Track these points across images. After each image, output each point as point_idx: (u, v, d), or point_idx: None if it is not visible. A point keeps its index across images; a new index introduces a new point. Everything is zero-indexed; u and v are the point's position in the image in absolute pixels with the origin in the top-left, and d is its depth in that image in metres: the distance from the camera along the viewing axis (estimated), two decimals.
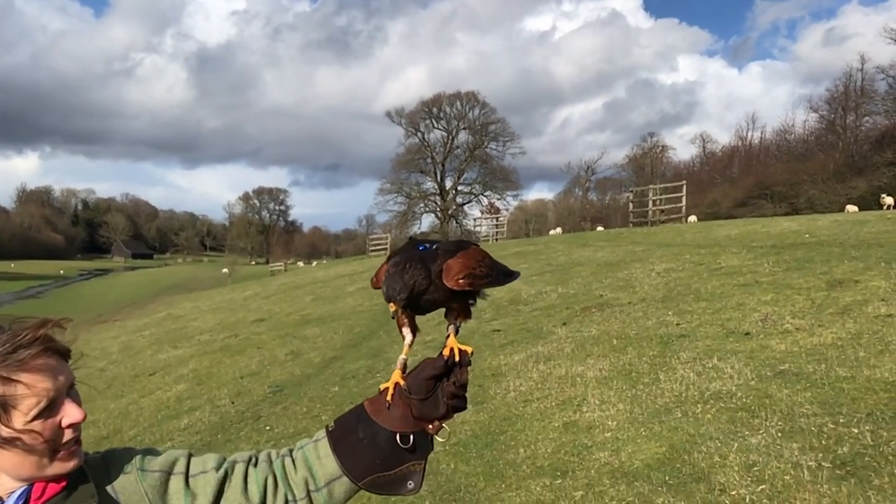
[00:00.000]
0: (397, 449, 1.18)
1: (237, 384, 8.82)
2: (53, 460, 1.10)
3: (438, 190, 75.57)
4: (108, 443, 7.26)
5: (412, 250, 1.25)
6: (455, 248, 1.27)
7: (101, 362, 14.62)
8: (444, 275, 1.20)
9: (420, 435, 1.20)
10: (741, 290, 7.94)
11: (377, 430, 1.20)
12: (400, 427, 1.19)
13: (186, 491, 1.19)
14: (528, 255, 17.48)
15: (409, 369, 1.24)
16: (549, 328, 8.05)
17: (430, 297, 1.21)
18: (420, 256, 1.23)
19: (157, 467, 1.20)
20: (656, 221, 25.96)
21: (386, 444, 1.19)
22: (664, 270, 10.40)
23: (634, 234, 19.81)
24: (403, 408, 1.19)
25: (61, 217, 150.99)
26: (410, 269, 1.20)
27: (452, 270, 1.21)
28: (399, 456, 1.19)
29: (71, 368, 1.16)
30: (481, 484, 4.02)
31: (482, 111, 74.65)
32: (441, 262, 1.22)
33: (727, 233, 14.71)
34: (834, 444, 3.64)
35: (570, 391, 5.44)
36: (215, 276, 69.33)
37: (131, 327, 22.18)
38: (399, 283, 1.19)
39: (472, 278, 1.21)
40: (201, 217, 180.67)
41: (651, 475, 3.63)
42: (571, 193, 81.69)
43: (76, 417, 1.11)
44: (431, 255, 1.24)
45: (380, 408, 1.22)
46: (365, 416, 1.22)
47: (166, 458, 1.22)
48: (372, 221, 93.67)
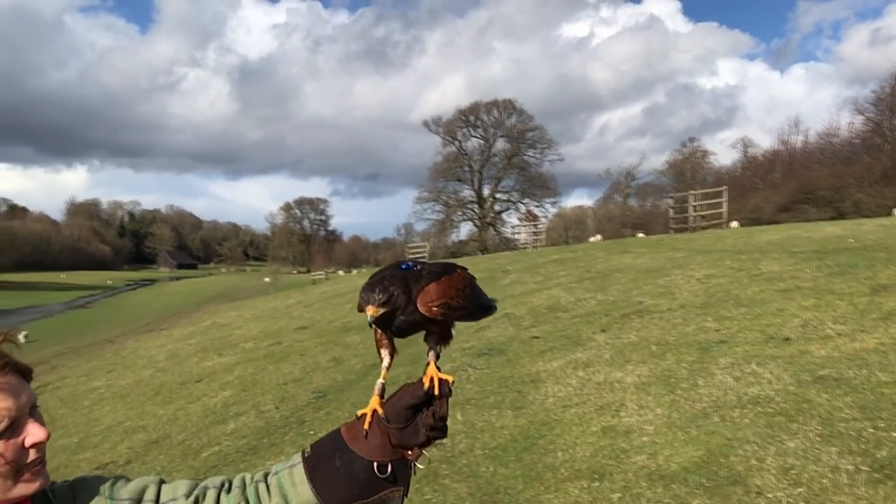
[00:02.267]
0: (375, 478, 1.15)
1: (281, 390, 9.02)
2: (18, 481, 1.07)
3: (476, 198, 75.66)
4: (157, 447, 7.51)
5: (394, 269, 1.22)
6: (441, 270, 1.23)
7: (148, 370, 14.99)
8: (420, 298, 1.16)
9: (399, 462, 1.17)
10: (782, 295, 7.89)
11: (354, 458, 1.16)
12: (378, 456, 1.15)
13: None
14: (566, 262, 17.48)
15: (389, 395, 1.20)
16: (588, 335, 8.08)
17: (408, 319, 1.17)
18: (402, 276, 1.19)
19: (126, 496, 1.17)
20: (697, 227, 25.71)
21: (363, 473, 1.16)
22: (704, 276, 10.34)
23: (675, 240, 19.66)
24: (381, 436, 1.16)
25: (109, 229, 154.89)
26: (391, 284, 1.16)
27: (429, 295, 1.16)
28: (376, 485, 1.16)
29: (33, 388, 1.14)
30: (520, 486, 4.11)
31: (519, 118, 74.67)
32: (424, 284, 1.18)
33: (769, 238, 14.54)
34: (873, 448, 3.64)
35: (608, 396, 5.49)
36: (258, 285, 70.37)
37: (177, 336, 22.67)
38: (379, 289, 1.16)
39: (446, 308, 1.18)
40: (244, 227, 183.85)
41: (688, 478, 3.68)
42: (611, 200, 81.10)
43: (39, 437, 1.09)
44: (415, 275, 1.20)
45: (357, 435, 1.18)
46: (342, 444, 1.19)
47: (136, 486, 1.20)
48: (410, 230, 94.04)
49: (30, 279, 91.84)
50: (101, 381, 14.71)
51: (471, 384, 6.88)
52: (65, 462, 7.79)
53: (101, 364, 18.88)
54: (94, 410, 11.14)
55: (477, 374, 7.23)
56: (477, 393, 6.49)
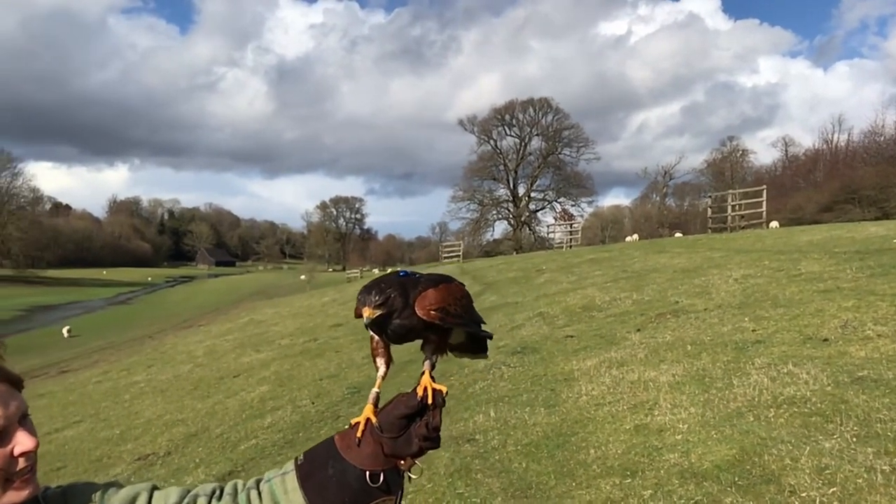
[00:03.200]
0: (367, 487, 1.16)
1: (317, 386, 9.14)
2: (7, 489, 1.09)
3: (511, 197, 75.50)
4: (196, 440, 7.67)
5: (392, 276, 1.23)
6: (438, 279, 1.25)
7: (187, 365, 15.29)
8: (418, 302, 1.17)
9: (392, 472, 1.17)
10: (821, 296, 7.78)
11: (346, 467, 1.17)
12: (370, 465, 1.16)
13: None
14: (602, 261, 17.39)
15: (383, 404, 1.21)
16: (622, 334, 8.05)
17: (404, 323, 1.17)
18: (400, 281, 1.21)
19: (117, 503, 1.18)
20: (736, 227, 25.37)
21: (355, 482, 1.16)
22: (742, 277, 10.23)
23: (713, 240, 19.43)
24: (374, 445, 1.16)
25: (149, 226, 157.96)
26: (388, 287, 1.17)
27: (427, 299, 1.18)
28: (368, 493, 1.16)
29: (23, 397, 1.15)
30: (552, 482, 4.13)
31: (555, 117, 74.34)
32: (421, 290, 1.19)
33: (809, 238, 14.31)
34: None
35: (642, 395, 5.48)
36: (294, 282, 71.13)
37: (215, 332, 23.05)
38: (376, 291, 1.17)
39: (443, 313, 1.18)
40: (281, 226, 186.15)
41: (720, 476, 3.67)
42: (648, 199, 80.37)
43: (28, 446, 1.09)
44: (412, 281, 1.22)
45: (350, 444, 1.18)
46: (335, 452, 1.19)
47: (127, 494, 1.20)
48: (445, 229, 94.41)
49: (73, 275, 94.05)
50: (142, 376, 15.04)
51: (504, 382, 6.91)
52: (107, 453, 8.01)
53: (141, 359, 19.29)
54: (134, 404, 11.40)
55: (510, 372, 7.25)
56: (510, 391, 6.51)
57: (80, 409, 11.99)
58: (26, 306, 59.88)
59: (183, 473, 6.23)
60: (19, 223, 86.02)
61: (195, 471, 6.21)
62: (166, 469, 6.61)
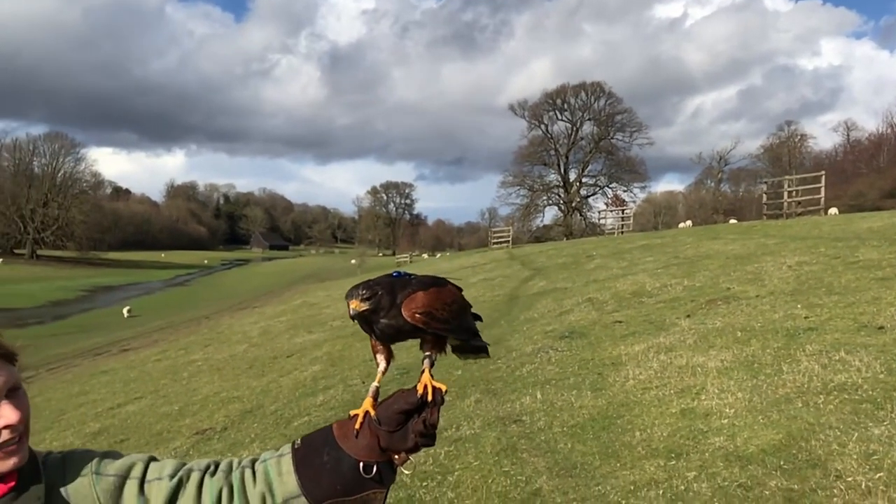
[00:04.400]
0: (359, 477, 1.18)
1: (367, 366, 9.32)
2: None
3: (562, 182, 74.90)
4: (251, 416, 7.91)
5: (385, 277, 1.25)
6: (431, 282, 1.26)
7: (242, 345, 15.69)
8: (406, 304, 1.19)
9: (385, 465, 1.20)
10: (878, 283, 7.61)
11: (342, 455, 1.19)
12: (365, 456, 1.18)
13: (140, 496, 1.19)
14: (654, 248, 17.22)
15: (383, 398, 1.23)
16: (672, 320, 8.02)
17: (391, 323, 1.19)
18: (390, 281, 1.23)
19: (112, 471, 1.20)
20: (792, 214, 24.78)
21: (348, 471, 1.18)
22: (796, 264, 10.05)
23: (768, 226, 19.04)
24: (371, 437, 1.19)
25: (205, 210, 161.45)
26: (376, 285, 1.20)
27: (414, 302, 1.19)
28: (361, 484, 1.18)
29: (16, 371, 1.18)
30: (597, 462, 4.20)
31: (608, 101, 73.33)
32: (410, 292, 1.20)
33: (869, 225, 13.93)
34: None
35: (689, 380, 5.48)
36: (345, 266, 71.98)
37: (269, 313, 23.54)
38: (363, 287, 1.19)
39: (428, 317, 1.19)
40: (332, 210, 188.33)
41: (766, 460, 3.68)
42: (703, 185, 78.93)
43: (11, 419, 1.12)
44: (403, 282, 1.24)
45: (347, 434, 1.20)
46: (332, 440, 1.21)
47: (123, 463, 1.22)
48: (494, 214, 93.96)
49: (133, 258, 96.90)
50: (199, 355, 15.50)
51: (551, 365, 6.96)
52: (167, 427, 8.32)
53: (198, 339, 19.85)
54: (192, 381, 11.78)
55: (558, 356, 7.30)
56: (557, 374, 6.57)
57: (140, 386, 12.43)
58: (89, 287, 61.97)
59: (239, 447, 6.46)
60: (82, 207, 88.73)
61: (251, 445, 6.44)
62: (223, 443, 6.86)
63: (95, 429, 9.13)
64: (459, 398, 6.22)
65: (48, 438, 9.03)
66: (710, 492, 3.51)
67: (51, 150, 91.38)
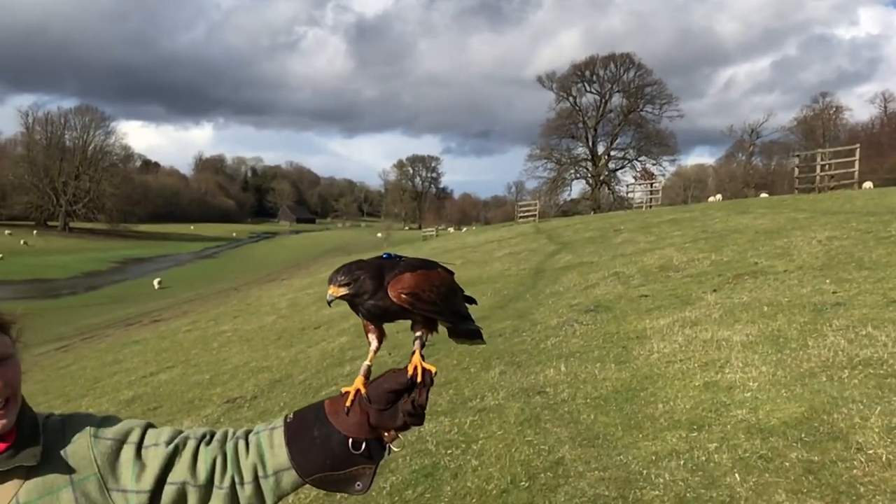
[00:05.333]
0: (348, 453, 1.21)
1: (393, 338, 9.34)
2: None
3: (590, 155, 74.12)
4: (280, 385, 8.08)
5: (373, 259, 1.26)
6: (420, 264, 1.27)
7: (271, 316, 15.92)
8: (392, 284, 1.20)
9: (374, 441, 1.23)
10: None
11: (331, 431, 1.22)
12: (355, 433, 1.21)
13: (136, 461, 1.22)
14: (682, 222, 17.08)
15: (374, 377, 1.25)
16: (698, 294, 8.00)
17: (378, 304, 1.21)
18: (378, 263, 1.24)
19: (110, 435, 1.24)
20: (824, 188, 24.39)
21: (338, 447, 1.21)
22: (826, 238, 9.93)
23: (799, 200, 18.78)
24: (361, 415, 1.21)
25: (233, 183, 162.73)
26: (358, 269, 1.21)
27: (401, 283, 1.20)
28: (349, 459, 1.21)
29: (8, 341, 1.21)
30: (619, 433, 4.25)
31: (637, 73, 72.11)
32: (397, 273, 1.22)
33: None
34: None
35: (713, 354, 5.50)
36: (371, 240, 72.35)
37: (297, 285, 23.79)
38: (344, 271, 1.21)
39: (414, 298, 1.20)
40: (359, 184, 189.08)
41: (787, 432, 3.71)
42: (734, 158, 77.67)
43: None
44: (391, 264, 1.25)
45: (338, 410, 1.23)
46: (322, 416, 1.24)
47: (121, 428, 1.26)
48: (521, 188, 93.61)
49: (162, 230, 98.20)
50: (228, 326, 15.77)
51: (576, 339, 7.00)
52: (198, 395, 8.52)
53: (227, 310, 20.17)
54: (222, 351, 12.02)
55: (583, 330, 7.34)
56: (582, 347, 6.61)
57: (172, 356, 12.71)
58: (120, 258, 63.04)
59: (268, 416, 6.62)
60: (112, 179, 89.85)
61: (279, 413, 6.54)
62: (253, 411, 7.02)
63: (129, 396, 9.38)
64: (484, 370, 6.30)
65: (84, 405, 9.31)
66: (731, 462, 3.55)
67: (81, 124, 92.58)
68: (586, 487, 3.61)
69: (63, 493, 1.18)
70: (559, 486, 3.69)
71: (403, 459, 4.36)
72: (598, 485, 3.62)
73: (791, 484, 3.24)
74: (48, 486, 1.18)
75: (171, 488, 1.22)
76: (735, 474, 3.43)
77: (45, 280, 45.48)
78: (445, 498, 3.82)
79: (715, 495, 3.29)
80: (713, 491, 3.33)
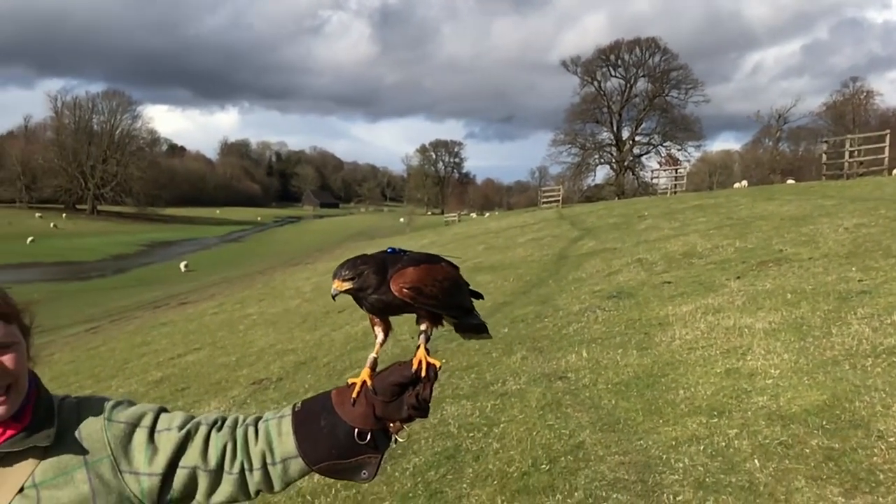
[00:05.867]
0: (354, 443, 1.23)
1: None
2: None
3: (614, 140, 73.53)
4: (305, 367, 8.20)
5: (378, 253, 1.27)
6: (424, 259, 1.28)
7: (295, 300, 16.08)
8: (394, 278, 1.21)
9: (380, 432, 1.24)
10: None
11: (338, 422, 1.24)
12: (360, 424, 1.23)
13: (149, 445, 1.25)
14: (707, 208, 16.95)
15: (380, 368, 1.26)
16: (721, 281, 7.98)
17: (381, 298, 1.22)
18: (381, 258, 1.25)
19: (123, 419, 1.27)
20: (853, 174, 24.03)
21: (344, 437, 1.23)
22: (854, 226, 9.83)
23: (826, 187, 18.56)
24: (366, 406, 1.23)
25: (258, 168, 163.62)
26: (362, 263, 1.23)
27: (403, 277, 1.22)
28: (355, 449, 1.23)
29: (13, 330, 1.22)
30: (640, 418, 4.29)
31: (663, 58, 71.29)
32: (400, 267, 1.23)
33: None
34: None
35: (735, 341, 5.51)
36: (394, 224, 72.55)
37: (321, 269, 23.96)
38: (348, 266, 1.22)
39: (416, 292, 1.21)
40: (382, 169, 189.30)
41: (808, 419, 3.73)
42: (760, 144, 76.58)
43: None
44: (395, 258, 1.26)
45: (345, 401, 1.25)
46: (329, 406, 1.26)
47: (134, 412, 1.29)
48: (545, 173, 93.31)
49: (188, 214, 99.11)
50: (254, 309, 15.96)
51: (598, 325, 7.03)
52: (225, 377, 8.68)
53: (252, 293, 20.39)
54: (248, 334, 12.19)
55: (605, 316, 7.36)
56: (603, 333, 6.64)
57: (199, 338, 12.91)
58: (147, 242, 63.84)
59: (294, 397, 6.73)
60: (139, 164, 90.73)
61: (305, 395, 6.66)
62: (279, 393, 7.15)
63: (158, 377, 9.56)
64: (506, 354, 6.35)
65: (114, 386, 9.52)
66: (751, 448, 3.58)
67: (109, 108, 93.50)
68: (606, 471, 3.66)
69: (77, 473, 1.21)
70: (579, 469, 3.75)
71: (426, 441, 4.44)
72: (618, 469, 3.67)
73: (811, 470, 3.27)
74: (63, 466, 1.21)
75: (183, 472, 1.25)
76: (755, 460, 3.46)
77: (75, 262, 46.24)
78: (467, 479, 3.89)
79: (734, 480, 3.33)
80: (732, 476, 3.37)
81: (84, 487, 1.20)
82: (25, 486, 1.19)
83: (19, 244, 51.93)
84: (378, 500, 3.83)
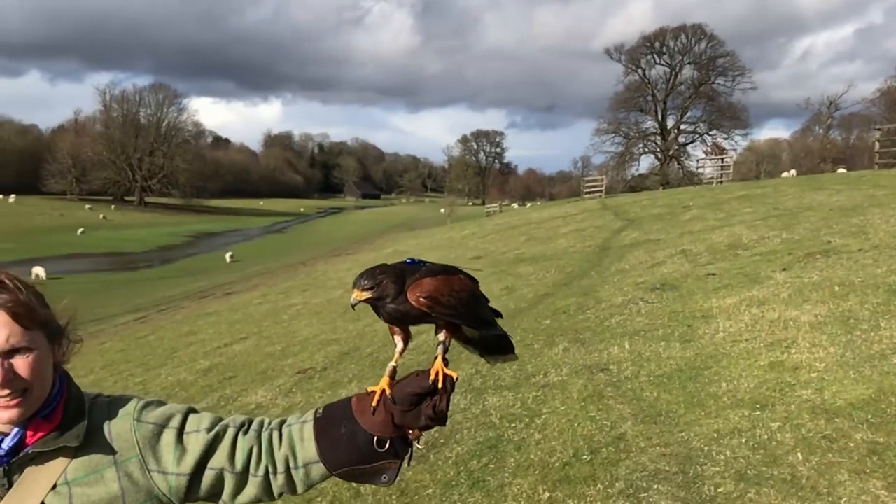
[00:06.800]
0: (373, 450, 1.26)
1: None
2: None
3: (659, 129, 72.49)
4: (349, 357, 8.33)
5: (398, 263, 1.29)
6: (441, 270, 1.30)
7: (338, 290, 16.26)
8: (412, 289, 1.23)
9: (399, 439, 1.28)
10: None
11: (357, 429, 1.27)
12: (379, 431, 1.26)
13: (178, 445, 1.29)
14: (753, 198, 16.68)
15: (400, 378, 1.29)
16: (766, 273, 7.88)
17: (399, 308, 1.24)
18: (400, 268, 1.27)
19: (152, 420, 1.31)
20: None
21: (363, 444, 1.26)
22: None
23: (879, 176, 18.09)
24: (385, 414, 1.25)
25: (300, 159, 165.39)
26: (381, 273, 1.25)
27: (420, 287, 1.23)
28: (375, 455, 1.27)
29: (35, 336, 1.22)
30: (681, 411, 4.30)
31: (709, 44, 69.92)
32: (418, 277, 1.25)
33: None
34: None
35: (780, 334, 5.46)
36: (435, 215, 72.61)
37: (363, 260, 24.18)
38: (367, 276, 1.25)
39: (433, 302, 1.23)
40: (423, 160, 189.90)
41: (853, 413, 3.70)
42: (810, 132, 74.63)
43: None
44: (413, 269, 1.28)
45: (364, 409, 1.28)
46: (349, 413, 1.29)
47: (163, 413, 1.32)
48: (588, 163, 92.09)
49: (233, 205, 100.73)
50: (298, 299, 16.20)
51: (640, 317, 7.02)
52: (271, 366, 8.86)
53: (296, 284, 20.68)
54: (292, 324, 12.40)
55: (648, 308, 7.34)
56: (646, 325, 6.63)
57: (244, 327, 13.16)
58: (193, 233, 65.09)
59: (338, 387, 6.87)
60: (185, 155, 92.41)
61: (349, 385, 6.83)
62: (324, 382, 7.29)
63: (206, 366, 9.79)
64: (548, 346, 6.38)
65: (163, 374, 9.77)
66: (794, 442, 3.57)
67: (155, 101, 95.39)
68: (647, 462, 3.68)
69: (107, 472, 1.25)
70: (621, 460, 3.78)
71: (468, 431, 4.51)
72: (659, 460, 3.69)
73: (854, 464, 3.26)
74: (93, 465, 1.25)
75: (211, 473, 1.29)
76: (797, 453, 3.46)
77: (123, 253, 47.42)
78: (509, 469, 3.95)
79: (776, 473, 3.33)
80: (774, 469, 3.37)
81: (114, 486, 1.25)
82: (58, 483, 1.23)
83: (71, 235, 53.39)
84: (422, 487, 3.91)
